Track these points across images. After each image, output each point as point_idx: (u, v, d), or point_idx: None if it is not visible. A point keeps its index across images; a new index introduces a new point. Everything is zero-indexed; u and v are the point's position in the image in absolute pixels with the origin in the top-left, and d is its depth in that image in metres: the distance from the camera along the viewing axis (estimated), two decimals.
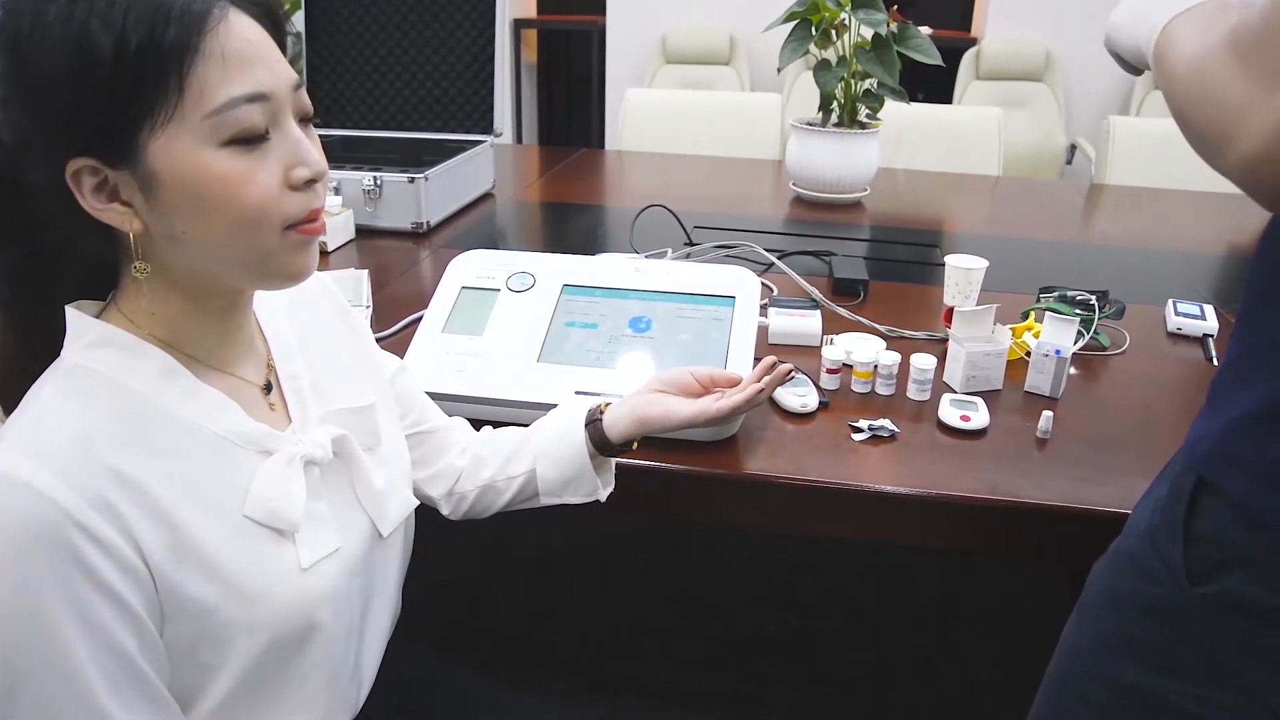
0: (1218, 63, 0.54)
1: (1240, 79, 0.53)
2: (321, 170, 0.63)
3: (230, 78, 0.57)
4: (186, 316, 0.64)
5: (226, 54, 0.57)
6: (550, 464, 0.87)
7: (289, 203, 0.61)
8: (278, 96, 0.60)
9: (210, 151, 0.57)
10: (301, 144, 0.62)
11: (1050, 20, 3.90)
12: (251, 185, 0.59)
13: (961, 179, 2.38)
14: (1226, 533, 0.59)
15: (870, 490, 0.92)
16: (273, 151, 0.60)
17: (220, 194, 0.58)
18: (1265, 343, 0.59)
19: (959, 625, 1.78)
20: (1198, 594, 0.60)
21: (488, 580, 1.88)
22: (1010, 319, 1.23)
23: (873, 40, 1.84)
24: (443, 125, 1.98)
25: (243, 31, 0.58)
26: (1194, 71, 0.57)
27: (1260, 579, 0.58)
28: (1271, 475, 0.57)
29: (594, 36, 4.55)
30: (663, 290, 1.11)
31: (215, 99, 0.56)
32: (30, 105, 0.56)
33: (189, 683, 0.62)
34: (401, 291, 1.42)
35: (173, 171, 0.57)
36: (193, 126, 0.56)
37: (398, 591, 0.82)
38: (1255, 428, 0.59)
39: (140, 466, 0.58)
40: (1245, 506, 0.58)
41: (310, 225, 0.63)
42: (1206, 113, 0.55)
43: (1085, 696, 0.69)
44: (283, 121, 0.61)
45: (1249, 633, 0.59)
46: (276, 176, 0.60)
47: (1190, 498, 0.62)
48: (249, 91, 0.58)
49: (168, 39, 0.55)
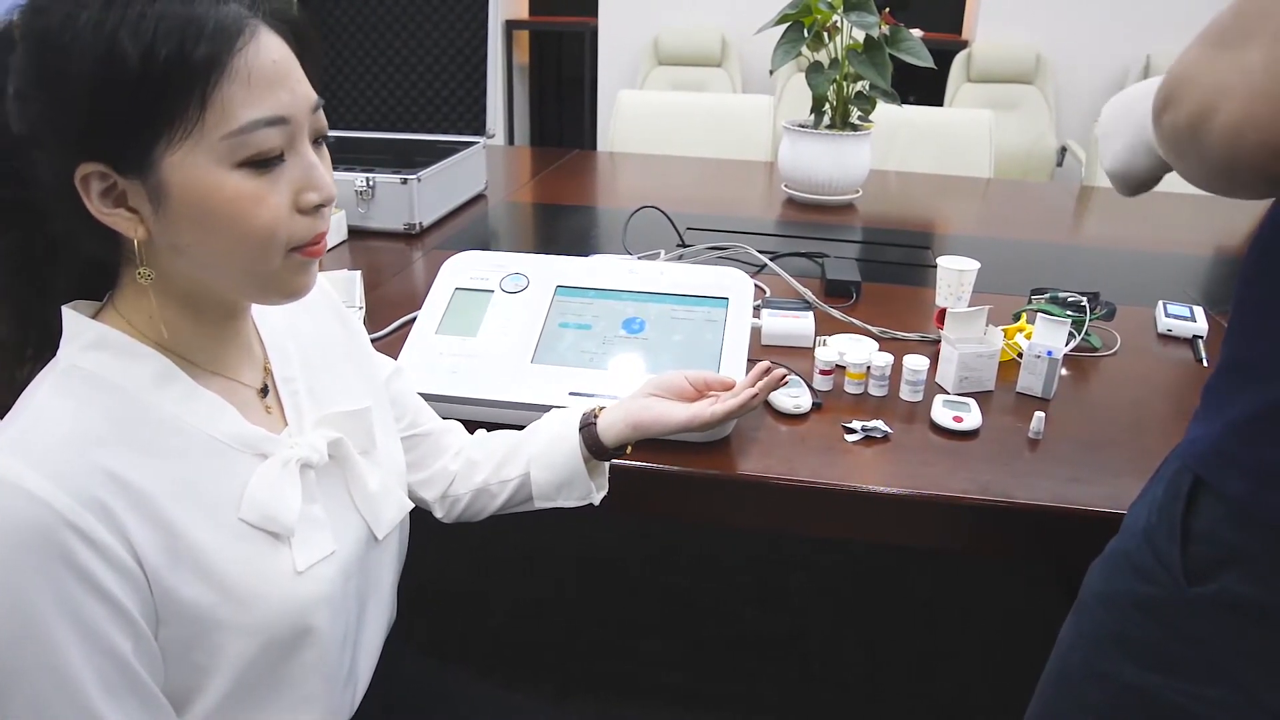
0: (1196, 59, 0.55)
1: (1216, 60, 0.53)
2: (330, 196, 0.63)
3: (253, 99, 0.57)
4: (184, 321, 0.64)
5: (252, 75, 0.56)
6: (544, 468, 0.87)
7: (296, 226, 0.61)
8: (296, 119, 0.59)
9: (224, 171, 0.57)
10: (314, 169, 0.61)
11: (1041, 23, 3.92)
12: (262, 207, 0.58)
13: (953, 181, 2.39)
14: (1223, 532, 0.60)
15: (863, 491, 0.93)
16: (286, 174, 0.60)
17: (230, 214, 0.58)
18: (1263, 347, 0.60)
19: (950, 624, 1.79)
20: (1194, 593, 0.61)
21: (479, 582, 1.88)
22: (1002, 320, 1.24)
23: (865, 42, 1.85)
24: (435, 126, 1.98)
25: (270, 51, 0.58)
26: (1178, 76, 0.57)
27: (1255, 578, 0.58)
28: (1268, 476, 0.58)
29: (586, 38, 4.55)
30: (656, 291, 1.11)
31: (236, 120, 0.56)
32: (48, 106, 0.55)
33: (183, 685, 0.62)
34: (394, 292, 1.42)
35: (185, 187, 0.57)
36: (210, 145, 0.56)
37: (393, 594, 0.82)
38: (1252, 430, 0.59)
39: (135, 469, 0.58)
40: (1242, 506, 0.59)
41: (314, 247, 0.63)
42: (1190, 105, 0.55)
43: (1081, 695, 0.70)
44: (299, 144, 0.61)
45: (1244, 631, 0.59)
46: (287, 199, 0.60)
47: (1188, 498, 0.62)
48: (270, 115, 0.57)
49: (196, 56, 0.54)
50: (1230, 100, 0.51)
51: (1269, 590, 0.58)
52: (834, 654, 1.70)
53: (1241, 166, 0.53)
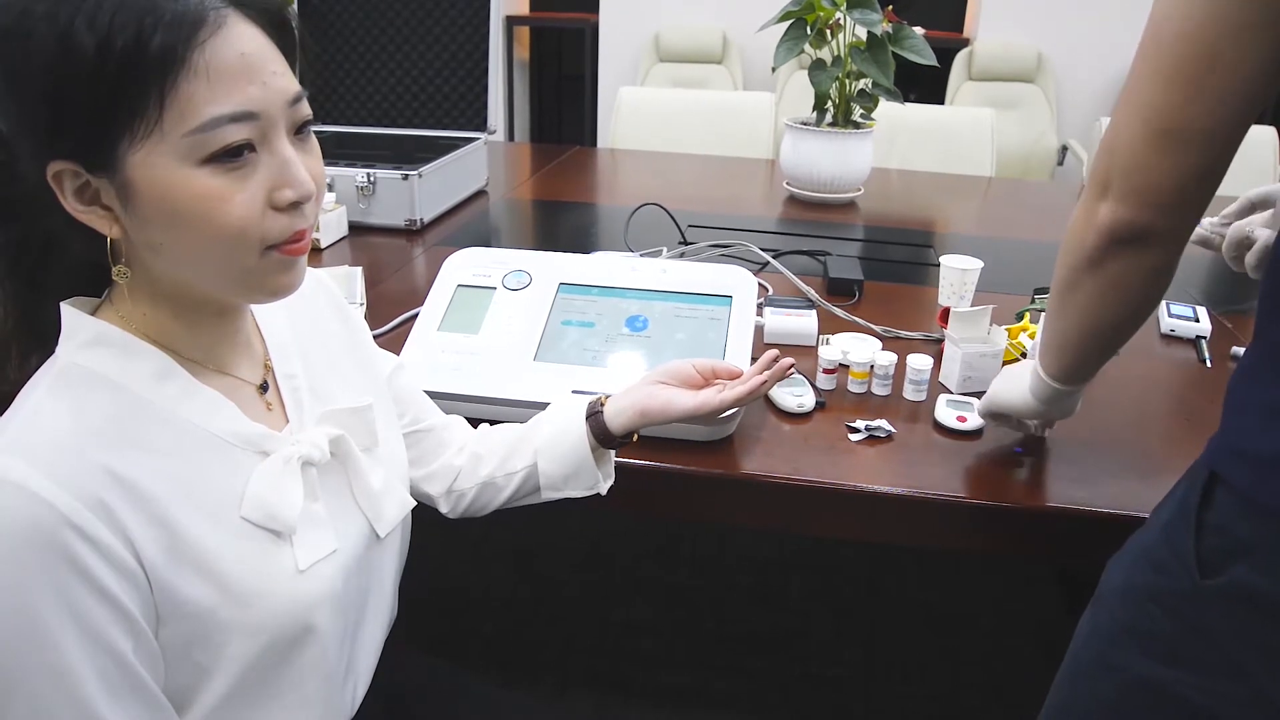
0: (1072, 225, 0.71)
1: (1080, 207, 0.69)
2: (308, 193, 0.60)
3: (216, 95, 0.54)
4: (179, 318, 0.63)
5: (214, 69, 0.54)
6: (551, 459, 0.86)
7: (271, 223, 0.59)
8: (268, 114, 0.57)
9: (189, 169, 0.55)
10: (289, 165, 0.58)
11: (1042, 22, 3.92)
12: (231, 205, 0.56)
13: (954, 180, 2.38)
14: (1234, 524, 0.61)
15: (867, 491, 0.92)
16: (259, 170, 0.58)
17: (197, 212, 0.56)
18: (1272, 345, 0.61)
19: (949, 624, 1.79)
20: (1206, 585, 0.62)
21: (478, 580, 1.88)
22: (1004, 320, 1.23)
23: (868, 40, 1.84)
24: (436, 122, 1.97)
25: (237, 43, 0.55)
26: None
27: (1264, 569, 0.59)
28: (1274, 463, 0.59)
29: (586, 34, 4.54)
30: (660, 289, 1.11)
31: (198, 117, 0.54)
32: (12, 103, 0.54)
33: (183, 685, 0.61)
34: (395, 289, 1.42)
35: (151, 185, 0.55)
36: (173, 143, 0.54)
37: (394, 593, 0.82)
38: (1262, 422, 0.61)
39: (136, 467, 0.58)
40: (1249, 495, 0.60)
41: (293, 246, 0.60)
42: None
43: (1094, 688, 0.70)
44: (273, 139, 0.58)
45: (1253, 624, 0.60)
46: (260, 197, 0.58)
47: (1203, 491, 0.63)
48: (235, 110, 0.55)
49: (153, 47, 0.52)
50: (1083, 245, 0.70)
51: (1277, 581, 0.58)
52: (834, 654, 1.70)
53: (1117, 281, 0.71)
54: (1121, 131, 0.64)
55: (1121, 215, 0.65)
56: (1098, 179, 0.67)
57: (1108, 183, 0.66)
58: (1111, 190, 0.65)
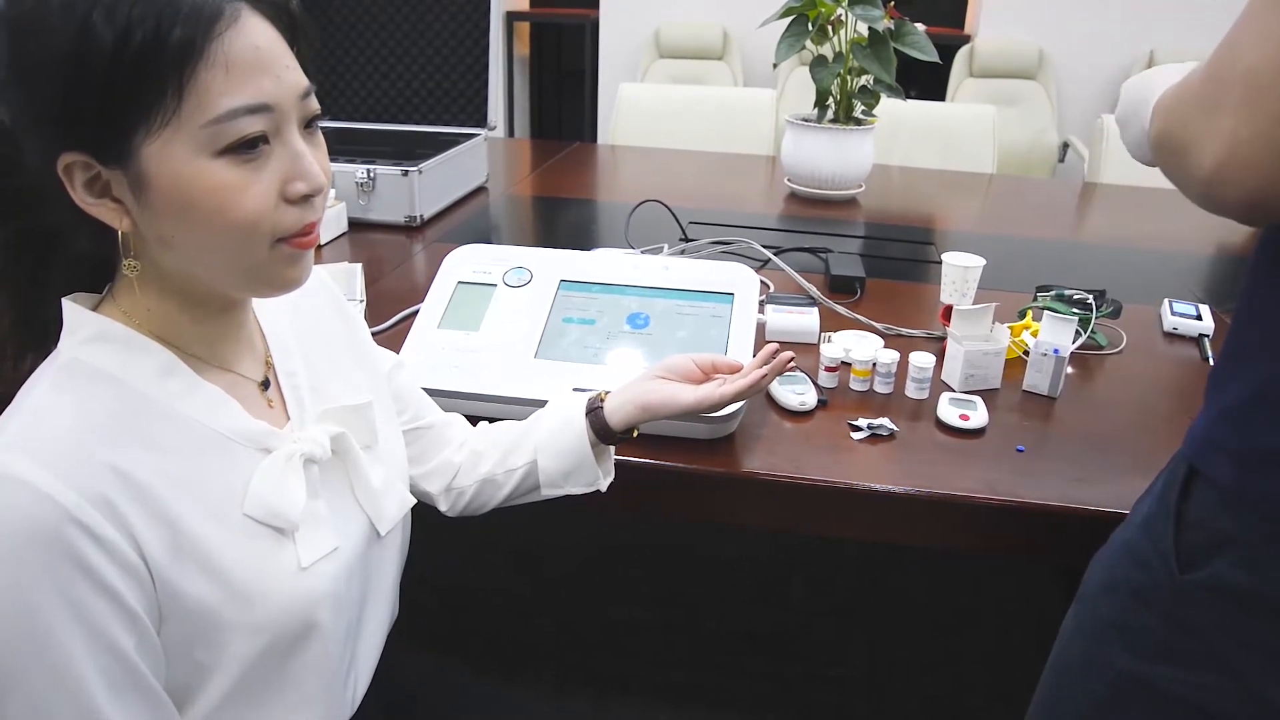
0: (1181, 113, 0.62)
1: (1194, 118, 0.59)
2: (319, 185, 0.60)
3: (233, 87, 0.55)
4: (182, 314, 0.63)
5: (231, 61, 0.55)
6: (551, 455, 0.86)
7: (283, 216, 0.59)
8: (281, 107, 0.58)
9: (205, 160, 0.55)
10: (301, 158, 0.59)
11: (1043, 18, 3.91)
12: (245, 197, 0.57)
13: (956, 176, 2.38)
14: (1214, 518, 0.61)
15: (869, 490, 0.92)
16: (271, 162, 0.58)
17: (211, 204, 0.56)
18: (1256, 332, 0.61)
19: (950, 624, 1.78)
20: (1186, 580, 0.62)
21: (478, 578, 1.87)
22: (1006, 317, 1.23)
23: (869, 36, 1.84)
24: (436, 118, 1.97)
25: (252, 36, 0.56)
26: (1163, 126, 0.64)
27: (1243, 563, 0.59)
28: (1254, 459, 0.59)
29: (586, 30, 4.53)
30: (661, 286, 1.10)
31: (215, 109, 0.54)
32: (25, 93, 0.54)
33: (185, 682, 0.61)
34: (395, 286, 1.41)
35: (165, 177, 0.55)
36: (190, 134, 0.54)
37: (395, 591, 0.82)
38: (1242, 415, 0.61)
39: (139, 464, 0.57)
40: (1229, 490, 0.60)
41: (303, 239, 0.61)
42: (1172, 153, 0.63)
43: (1081, 685, 0.70)
44: (285, 132, 0.59)
45: (1235, 617, 0.60)
46: (273, 189, 0.58)
47: (1182, 485, 0.64)
48: (251, 102, 0.56)
49: (172, 40, 0.52)
50: (1205, 157, 0.58)
51: (1258, 575, 0.59)
52: (836, 653, 1.70)
53: (1217, 209, 0.60)
54: (1249, 52, 0.55)
55: (1243, 134, 0.55)
56: (1209, 96, 0.58)
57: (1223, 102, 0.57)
58: (1235, 108, 0.56)
